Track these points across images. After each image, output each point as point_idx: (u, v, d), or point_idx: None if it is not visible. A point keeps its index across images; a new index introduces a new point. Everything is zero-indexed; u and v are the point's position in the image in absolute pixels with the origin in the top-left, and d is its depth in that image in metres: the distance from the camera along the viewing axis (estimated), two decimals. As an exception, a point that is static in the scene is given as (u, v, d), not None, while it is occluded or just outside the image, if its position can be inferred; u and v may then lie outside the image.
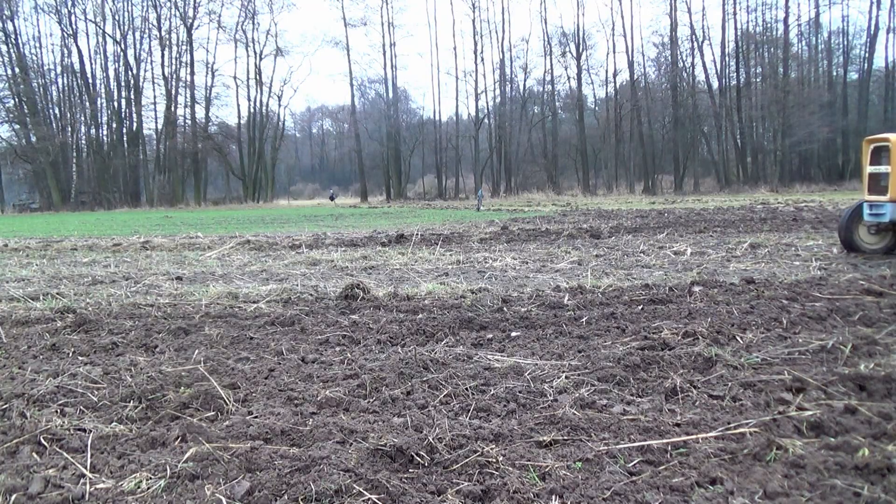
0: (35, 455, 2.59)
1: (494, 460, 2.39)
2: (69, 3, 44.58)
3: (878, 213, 7.49)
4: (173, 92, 46.88)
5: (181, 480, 2.31)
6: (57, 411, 3.05)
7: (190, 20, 46.59)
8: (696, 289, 5.85)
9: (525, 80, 50.69)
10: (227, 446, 2.55)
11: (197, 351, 4.07)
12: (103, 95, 46.63)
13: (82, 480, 2.34)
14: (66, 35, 45.04)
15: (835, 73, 44.24)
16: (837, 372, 3.26)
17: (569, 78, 49.68)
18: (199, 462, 2.43)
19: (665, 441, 2.54)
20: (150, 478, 2.32)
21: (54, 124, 45.49)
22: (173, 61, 47.15)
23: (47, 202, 43.35)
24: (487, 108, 50.10)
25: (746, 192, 35.20)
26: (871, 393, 3.01)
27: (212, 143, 48.22)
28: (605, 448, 2.50)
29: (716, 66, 45.57)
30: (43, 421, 2.86)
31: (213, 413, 3.01)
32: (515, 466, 2.37)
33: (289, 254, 10.38)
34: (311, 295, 6.20)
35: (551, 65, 49.02)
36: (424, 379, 3.39)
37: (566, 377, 3.38)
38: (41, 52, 46.46)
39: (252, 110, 49.68)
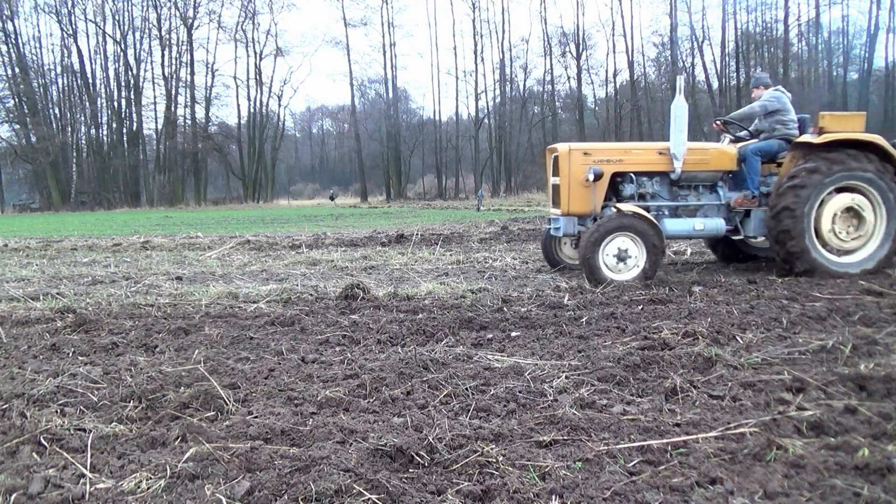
0: (35, 455, 2.59)
1: (494, 460, 2.39)
2: (69, 3, 44.57)
3: (556, 226, 7.11)
4: (173, 92, 46.88)
5: (181, 480, 2.31)
6: (57, 411, 3.05)
7: (190, 20, 46.58)
8: (696, 289, 5.85)
9: (525, 80, 50.72)
10: (227, 446, 2.55)
11: (197, 351, 4.07)
12: (103, 95, 46.62)
13: (82, 480, 2.34)
14: (66, 35, 45.06)
15: (835, 73, 44.23)
16: (837, 372, 3.26)
17: (569, 78, 49.69)
18: (199, 462, 2.43)
19: (665, 441, 2.54)
20: (150, 478, 2.32)
21: (54, 124, 45.45)
22: (173, 61, 47.16)
23: (47, 202, 43.31)
24: (487, 108, 50.13)
25: (746, 192, 35.16)
26: (871, 393, 3.01)
27: (212, 143, 48.19)
28: (605, 448, 2.50)
29: (716, 66, 45.57)
30: (43, 421, 2.86)
31: (213, 413, 3.01)
32: (515, 466, 2.37)
33: (289, 254, 10.38)
34: (311, 295, 6.20)
35: (551, 65, 49.01)
36: (424, 379, 3.39)
37: (566, 377, 3.38)
38: (41, 52, 46.44)
39: (252, 110, 49.67)
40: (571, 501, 2.13)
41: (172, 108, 46.79)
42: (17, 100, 43.74)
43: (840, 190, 6.52)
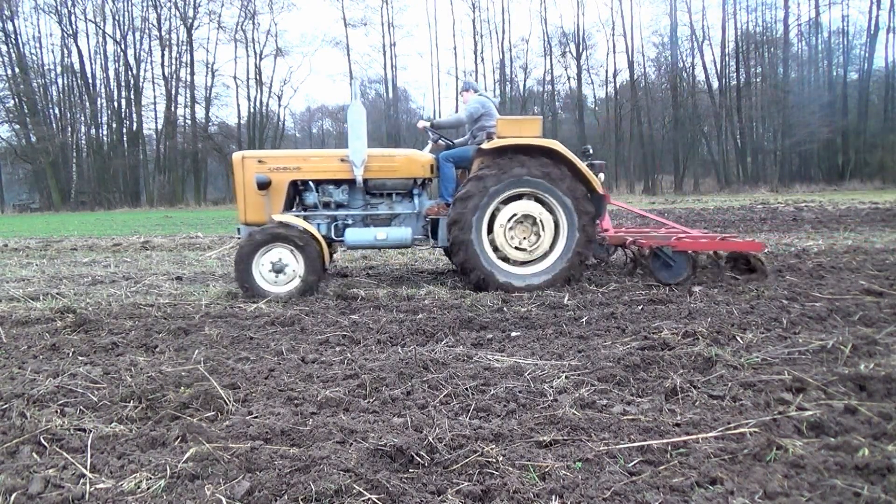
0: (35, 455, 2.59)
1: (494, 460, 2.39)
2: (69, 3, 44.51)
3: (239, 236, 6.71)
4: (173, 92, 46.80)
5: (181, 480, 2.31)
6: (57, 411, 3.05)
7: (190, 20, 46.50)
8: (696, 289, 5.85)
9: (525, 80, 50.65)
10: (227, 446, 2.55)
11: (197, 351, 4.08)
12: (103, 95, 46.54)
13: (82, 480, 2.34)
14: (66, 35, 44.98)
15: (835, 73, 44.19)
16: (837, 372, 3.26)
17: (569, 78, 49.60)
18: (199, 462, 2.43)
19: (665, 441, 2.54)
20: (150, 478, 2.32)
21: (54, 124, 45.38)
22: (173, 61, 47.07)
23: (47, 202, 43.27)
24: (487, 108, 50.04)
25: (746, 192, 35.15)
26: (871, 393, 3.01)
27: (212, 143, 48.15)
28: (605, 448, 2.51)
29: (716, 66, 45.48)
30: (43, 421, 2.86)
31: (213, 413, 3.01)
32: (515, 466, 2.37)
33: (289, 254, 10.37)
34: (311, 295, 6.19)
35: (551, 65, 48.87)
36: (424, 379, 3.39)
37: (566, 377, 3.38)
38: (41, 52, 46.32)
39: (252, 110, 49.57)
40: (571, 501, 2.13)
41: (172, 108, 46.73)
42: (17, 100, 43.69)
43: (524, 198, 6.28)
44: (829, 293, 5.42)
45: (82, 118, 47.21)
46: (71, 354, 4.12)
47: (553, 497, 2.15)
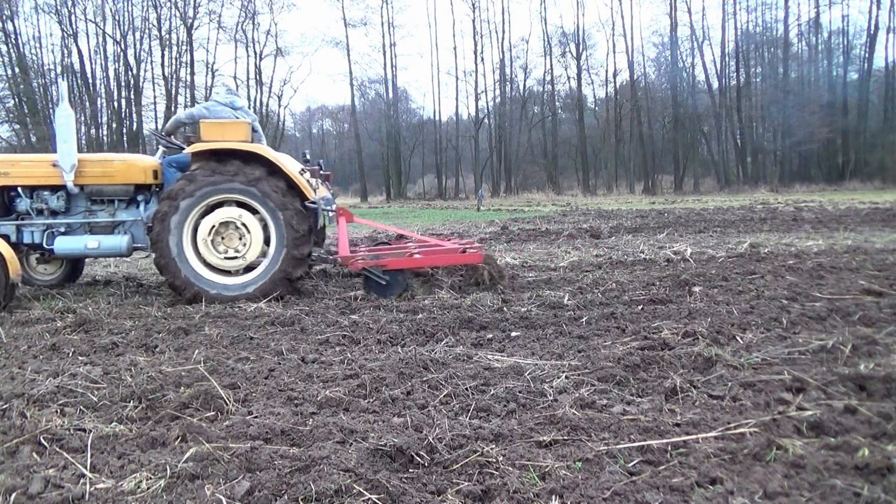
0: (35, 455, 2.59)
1: (494, 460, 2.39)
2: (69, 3, 44.54)
3: None
4: (173, 92, 46.83)
5: (181, 480, 2.31)
6: (57, 411, 3.05)
7: (190, 20, 46.53)
8: (696, 289, 5.85)
9: (525, 80, 50.64)
10: (227, 446, 2.55)
11: (197, 351, 4.08)
12: (103, 95, 46.59)
13: (82, 480, 2.34)
14: (66, 35, 45.01)
15: (835, 73, 44.17)
16: (837, 372, 3.26)
17: (569, 78, 49.66)
18: (199, 462, 2.43)
19: (665, 441, 2.54)
20: (150, 478, 2.32)
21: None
22: (173, 61, 47.10)
23: (47, 202, 43.31)
24: (487, 108, 50.06)
25: (746, 192, 35.16)
26: (871, 393, 3.01)
27: (212, 143, 48.20)
28: (605, 448, 2.51)
29: (716, 66, 45.52)
30: (43, 421, 2.87)
31: (213, 413, 3.01)
32: (515, 466, 2.37)
33: (289, 254, 10.37)
34: (312, 295, 6.20)
35: (551, 65, 48.92)
36: (424, 379, 3.39)
37: (566, 377, 3.38)
38: (41, 52, 46.33)
39: (252, 110, 49.67)
40: (571, 501, 2.13)
41: (172, 108, 46.76)
42: (17, 100, 43.72)
43: (244, 207, 6.04)
44: (829, 293, 5.42)
45: (82, 118, 47.19)
46: (71, 354, 4.12)
47: (553, 497, 2.15)
